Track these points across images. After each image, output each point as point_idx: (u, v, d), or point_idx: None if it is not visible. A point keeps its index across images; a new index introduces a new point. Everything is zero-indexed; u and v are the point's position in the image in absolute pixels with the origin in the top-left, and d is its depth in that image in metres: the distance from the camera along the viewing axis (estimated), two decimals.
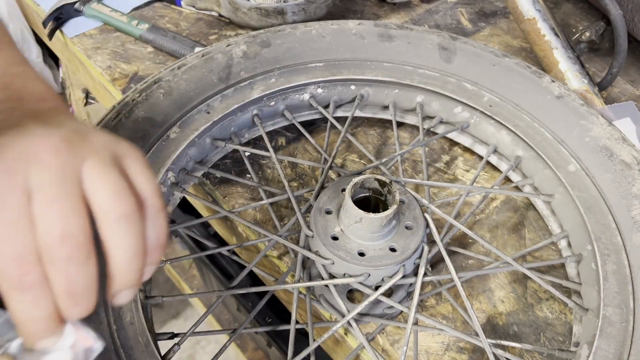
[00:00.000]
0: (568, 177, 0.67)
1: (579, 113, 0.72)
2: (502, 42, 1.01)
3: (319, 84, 0.77)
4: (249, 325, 0.61)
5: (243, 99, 0.72)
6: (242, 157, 0.74)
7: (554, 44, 0.86)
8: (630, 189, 0.65)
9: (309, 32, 0.80)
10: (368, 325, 0.62)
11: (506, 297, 0.66)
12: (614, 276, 0.59)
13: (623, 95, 0.94)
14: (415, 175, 0.78)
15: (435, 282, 0.65)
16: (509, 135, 0.74)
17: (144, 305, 0.57)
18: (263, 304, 0.64)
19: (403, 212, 0.59)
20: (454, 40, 0.80)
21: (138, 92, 0.70)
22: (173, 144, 0.67)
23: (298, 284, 0.60)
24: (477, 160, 0.80)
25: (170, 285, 1.85)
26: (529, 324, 0.64)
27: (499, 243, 0.71)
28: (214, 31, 0.95)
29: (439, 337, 0.62)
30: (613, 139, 0.69)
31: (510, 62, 0.78)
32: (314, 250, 0.59)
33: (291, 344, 0.58)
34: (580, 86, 0.84)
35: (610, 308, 0.57)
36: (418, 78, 0.77)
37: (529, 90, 0.75)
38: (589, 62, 1.00)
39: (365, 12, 1.04)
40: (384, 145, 0.81)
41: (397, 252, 0.56)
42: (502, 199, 0.76)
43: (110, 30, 0.94)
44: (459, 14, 1.07)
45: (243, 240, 0.69)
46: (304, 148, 0.80)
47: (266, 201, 0.68)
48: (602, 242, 0.62)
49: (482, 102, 0.75)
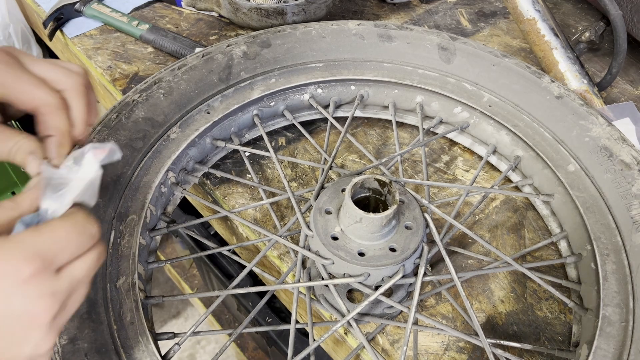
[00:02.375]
0: (567, 177, 0.67)
1: (578, 113, 0.72)
2: (502, 43, 1.01)
3: (318, 84, 0.77)
4: (249, 325, 0.61)
5: (243, 99, 0.72)
6: (242, 157, 0.74)
7: (553, 44, 0.86)
8: (629, 189, 0.65)
9: (309, 33, 0.80)
10: (368, 325, 0.62)
11: (506, 297, 0.66)
12: (614, 276, 0.59)
13: (622, 95, 0.94)
14: (415, 175, 0.78)
15: (435, 282, 0.65)
16: (509, 135, 0.74)
17: (144, 305, 0.57)
18: (263, 304, 0.64)
19: (403, 212, 0.59)
20: (453, 40, 0.80)
21: (138, 92, 0.70)
22: (173, 144, 0.67)
23: (298, 284, 0.60)
24: (477, 160, 0.81)
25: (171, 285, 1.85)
26: (528, 324, 0.64)
27: (498, 243, 0.71)
28: (214, 31, 0.95)
29: (438, 337, 0.62)
30: (612, 139, 0.69)
31: (510, 62, 0.78)
32: (314, 250, 0.59)
33: (291, 344, 0.58)
34: (579, 86, 0.84)
35: (610, 308, 0.57)
36: (418, 78, 0.77)
37: (529, 90, 0.75)
38: (588, 63, 1.00)
39: (365, 12, 1.04)
40: (384, 145, 0.81)
41: (396, 252, 0.56)
42: (501, 199, 0.76)
43: (111, 31, 0.94)
44: (458, 14, 1.07)
45: (243, 240, 0.69)
46: (304, 148, 0.80)
47: (266, 201, 0.68)
48: (602, 242, 0.62)
49: (482, 102, 0.75)
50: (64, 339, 0.52)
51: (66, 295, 0.40)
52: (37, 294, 0.37)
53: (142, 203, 0.61)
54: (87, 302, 0.55)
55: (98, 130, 0.67)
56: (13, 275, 0.36)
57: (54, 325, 0.39)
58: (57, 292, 0.39)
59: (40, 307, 0.38)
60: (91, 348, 0.52)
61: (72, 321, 0.53)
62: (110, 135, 0.66)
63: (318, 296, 0.63)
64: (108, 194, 0.61)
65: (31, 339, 0.38)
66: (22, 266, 0.37)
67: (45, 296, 0.38)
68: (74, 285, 0.41)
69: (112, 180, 0.62)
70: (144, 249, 0.62)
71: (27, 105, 0.46)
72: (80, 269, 0.41)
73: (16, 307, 0.37)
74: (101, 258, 0.43)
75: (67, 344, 0.51)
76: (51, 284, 0.39)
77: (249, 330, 0.61)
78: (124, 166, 0.64)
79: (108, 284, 0.56)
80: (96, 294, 0.55)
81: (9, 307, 0.37)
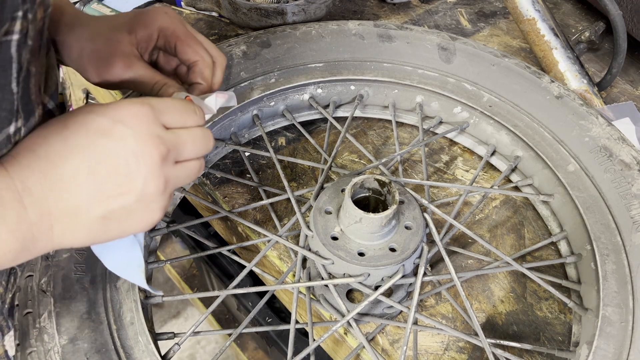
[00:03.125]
0: (567, 177, 0.67)
1: (578, 113, 0.72)
2: (502, 43, 1.01)
3: (318, 84, 0.77)
4: (249, 325, 0.61)
5: (243, 99, 0.72)
6: (242, 157, 0.74)
7: (553, 44, 0.86)
8: (629, 189, 0.65)
9: (308, 33, 0.80)
10: (368, 325, 0.62)
11: (506, 297, 0.66)
12: (614, 276, 0.59)
13: (622, 95, 0.94)
14: (415, 175, 0.78)
15: (435, 282, 0.65)
16: (509, 135, 0.74)
17: (144, 305, 0.57)
18: (263, 304, 0.64)
19: (403, 212, 0.59)
20: (453, 40, 0.80)
21: None
22: None
23: (298, 284, 0.60)
24: (477, 160, 0.81)
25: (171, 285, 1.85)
26: (528, 324, 0.64)
27: (498, 243, 0.71)
28: (214, 31, 0.95)
29: (438, 336, 0.62)
30: (612, 139, 0.69)
31: (510, 62, 0.78)
32: (314, 250, 0.59)
33: (291, 344, 0.58)
34: (579, 86, 0.84)
35: (610, 308, 0.57)
36: (418, 78, 0.77)
37: (529, 90, 0.75)
38: (588, 62, 1.00)
39: (365, 12, 1.04)
40: (384, 145, 0.81)
41: (396, 252, 0.56)
42: (501, 199, 0.76)
43: None
44: (458, 14, 1.07)
45: (243, 240, 0.69)
46: (304, 148, 0.80)
47: (266, 201, 0.68)
48: (602, 242, 0.62)
49: (482, 102, 0.75)
50: (64, 338, 0.52)
51: (171, 184, 0.46)
52: (149, 140, 0.44)
53: None
54: (88, 302, 0.55)
55: None
56: (145, 125, 0.44)
57: (164, 176, 0.45)
58: (170, 176, 0.46)
59: (151, 148, 0.43)
60: (91, 348, 0.52)
61: (72, 321, 0.53)
62: None
63: (318, 296, 0.63)
64: None
65: (141, 172, 0.43)
66: (152, 123, 0.44)
67: (154, 139, 0.44)
68: (176, 181, 0.47)
69: None
70: (144, 249, 0.62)
71: (190, 57, 0.60)
72: (189, 170, 0.48)
73: (130, 144, 0.43)
74: (201, 170, 0.51)
75: (67, 344, 0.51)
76: (170, 167, 0.45)
77: (249, 330, 0.61)
78: None
79: (108, 284, 0.56)
80: (96, 294, 0.55)
81: (125, 144, 0.43)
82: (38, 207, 0.40)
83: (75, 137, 0.42)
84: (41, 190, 0.40)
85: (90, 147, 0.42)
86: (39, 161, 0.41)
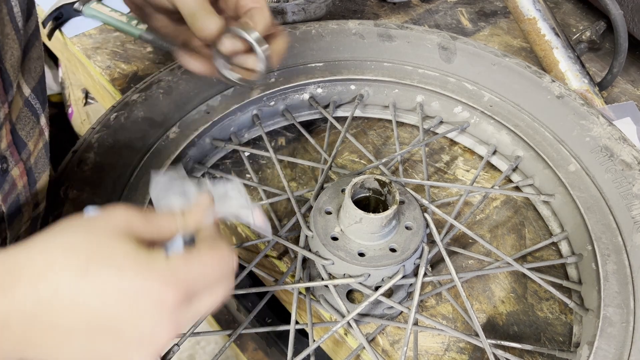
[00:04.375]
0: (568, 177, 0.67)
1: (579, 113, 0.72)
2: (502, 42, 1.01)
3: (318, 83, 0.77)
4: (249, 325, 0.61)
5: (243, 99, 0.72)
6: (242, 157, 0.74)
7: (554, 44, 0.86)
8: (630, 189, 0.64)
9: (308, 32, 0.80)
10: (368, 326, 0.62)
11: (506, 297, 0.66)
12: (615, 276, 0.59)
13: (623, 95, 0.94)
14: (415, 175, 0.77)
15: (435, 283, 0.65)
16: (509, 135, 0.74)
17: None
18: (263, 304, 0.64)
19: (403, 212, 0.59)
20: (454, 40, 0.80)
21: (138, 92, 0.70)
22: (172, 144, 0.67)
23: (298, 284, 0.60)
24: (477, 160, 0.80)
25: None
26: (529, 324, 0.64)
27: (499, 243, 0.71)
28: None
29: (439, 337, 0.62)
30: (613, 138, 0.69)
31: (511, 62, 0.78)
32: (314, 250, 0.59)
33: (291, 344, 0.58)
34: (580, 86, 0.84)
35: (611, 308, 0.57)
36: (418, 78, 0.77)
37: (529, 90, 0.75)
38: (589, 62, 1.00)
39: (365, 12, 1.04)
40: (384, 145, 0.81)
41: (397, 253, 0.56)
42: (502, 199, 0.76)
43: (110, 30, 0.94)
44: (459, 13, 1.07)
45: (243, 240, 0.69)
46: (304, 148, 0.80)
47: (266, 201, 0.68)
48: (603, 242, 0.61)
49: (482, 102, 0.75)
50: None
51: (185, 323, 0.40)
52: (166, 320, 0.38)
53: (142, 203, 0.61)
54: None
55: (97, 130, 0.66)
56: (156, 296, 0.37)
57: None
58: (181, 321, 0.39)
59: (163, 332, 0.38)
60: None
61: None
62: (109, 135, 0.66)
63: (318, 297, 0.63)
64: (107, 194, 0.61)
65: (142, 353, 0.38)
66: (167, 293, 0.37)
67: (172, 323, 0.38)
68: (196, 317, 0.41)
69: (112, 180, 0.62)
70: None
71: (247, 3, 0.58)
72: (208, 302, 0.41)
73: (144, 324, 0.37)
74: (228, 294, 0.42)
75: None
76: (183, 312, 0.39)
77: (249, 331, 0.61)
78: (123, 166, 0.63)
79: None
80: None
81: (137, 322, 0.37)
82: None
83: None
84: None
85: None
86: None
